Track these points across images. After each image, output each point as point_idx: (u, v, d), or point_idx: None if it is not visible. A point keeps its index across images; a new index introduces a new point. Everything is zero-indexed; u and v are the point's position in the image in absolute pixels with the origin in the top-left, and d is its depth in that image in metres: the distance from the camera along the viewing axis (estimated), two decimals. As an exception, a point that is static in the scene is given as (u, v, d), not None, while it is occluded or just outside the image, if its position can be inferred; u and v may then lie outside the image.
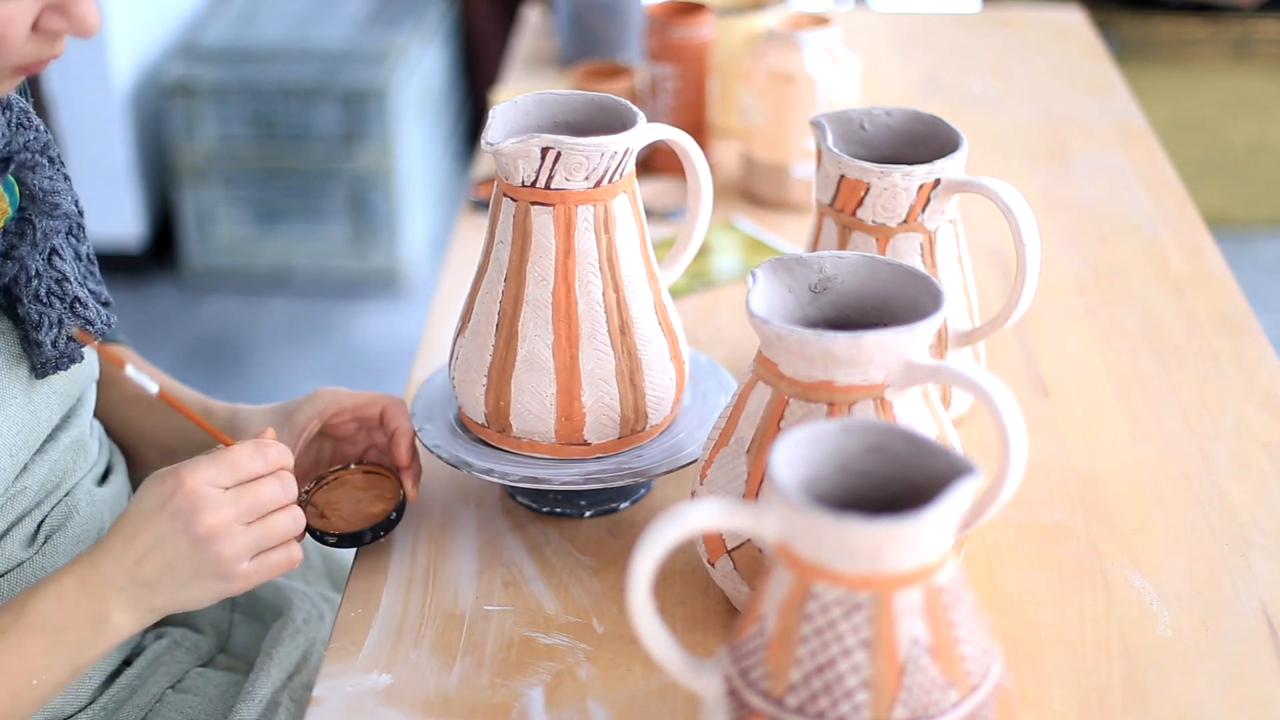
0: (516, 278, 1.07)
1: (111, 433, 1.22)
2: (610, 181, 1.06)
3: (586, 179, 1.05)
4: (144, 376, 0.99)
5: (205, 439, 1.16)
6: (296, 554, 1.02)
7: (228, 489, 0.98)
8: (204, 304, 3.24)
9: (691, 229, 1.17)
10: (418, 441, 1.14)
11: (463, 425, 1.15)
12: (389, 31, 3.27)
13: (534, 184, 1.05)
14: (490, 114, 1.07)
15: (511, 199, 1.06)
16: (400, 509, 1.10)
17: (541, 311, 1.07)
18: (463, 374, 1.10)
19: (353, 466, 1.14)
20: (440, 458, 1.12)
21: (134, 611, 0.98)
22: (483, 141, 1.04)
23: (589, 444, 1.10)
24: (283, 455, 1.01)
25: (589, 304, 1.07)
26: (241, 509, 0.98)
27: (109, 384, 1.22)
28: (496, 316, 1.08)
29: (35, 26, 0.92)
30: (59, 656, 0.97)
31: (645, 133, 1.07)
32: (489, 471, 1.09)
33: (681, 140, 1.12)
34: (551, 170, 1.04)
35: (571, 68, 1.85)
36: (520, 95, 1.11)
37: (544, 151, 1.03)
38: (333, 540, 1.09)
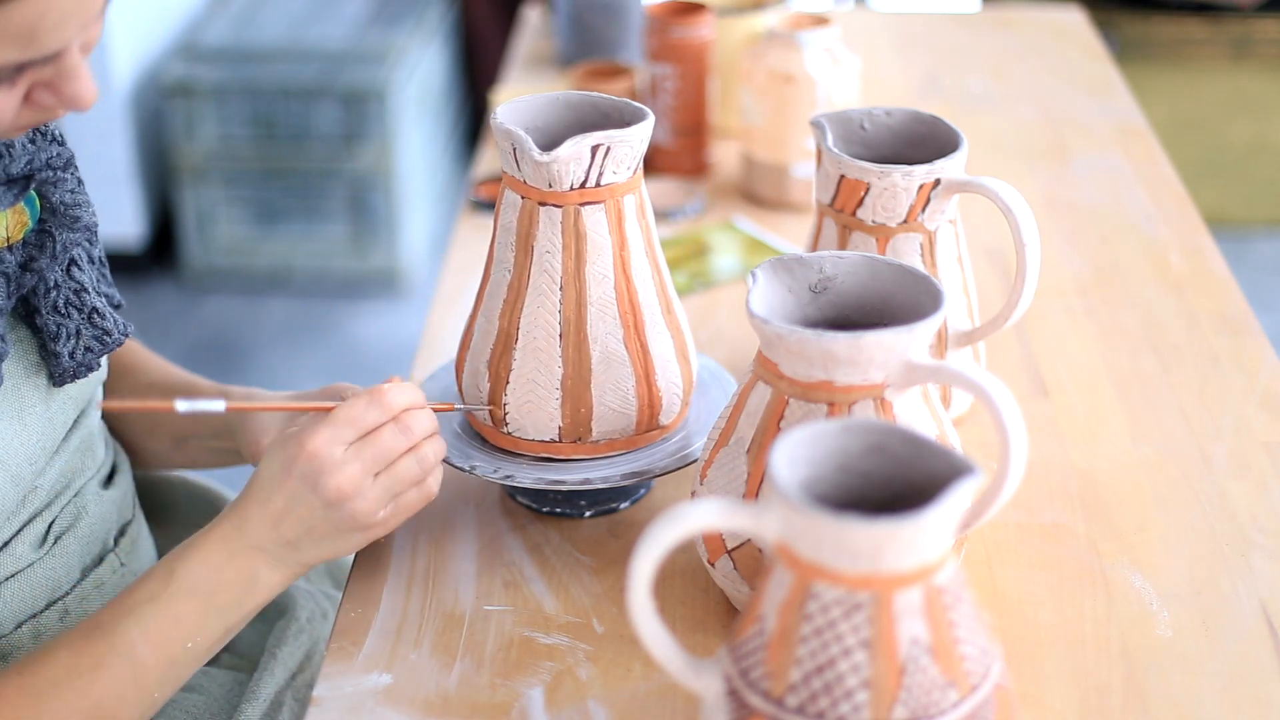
0: (575, 284, 1.06)
1: (120, 425, 1.22)
2: (640, 169, 1.07)
3: (628, 169, 1.05)
4: (201, 403, 0.99)
5: (218, 422, 1.16)
6: (432, 488, 1.02)
7: (350, 444, 0.98)
8: (204, 304, 3.24)
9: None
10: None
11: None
12: (389, 31, 3.27)
13: (584, 184, 1.05)
14: (515, 133, 1.04)
15: (555, 206, 1.05)
16: None
17: (608, 309, 1.07)
18: (525, 398, 1.09)
19: None
20: (488, 477, 1.10)
21: (282, 569, 1.00)
22: (533, 158, 1.02)
23: (664, 426, 1.12)
24: (399, 399, 1.01)
25: (645, 289, 1.08)
26: (366, 463, 0.98)
27: (122, 374, 1.22)
28: (559, 328, 1.07)
29: (27, 99, 0.91)
30: (212, 618, 0.99)
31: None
32: (556, 482, 1.09)
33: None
34: (601, 166, 1.04)
35: (571, 68, 1.85)
36: (519, 99, 1.10)
37: (594, 150, 1.03)
38: None
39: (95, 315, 1.05)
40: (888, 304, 0.97)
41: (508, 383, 1.08)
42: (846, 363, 0.90)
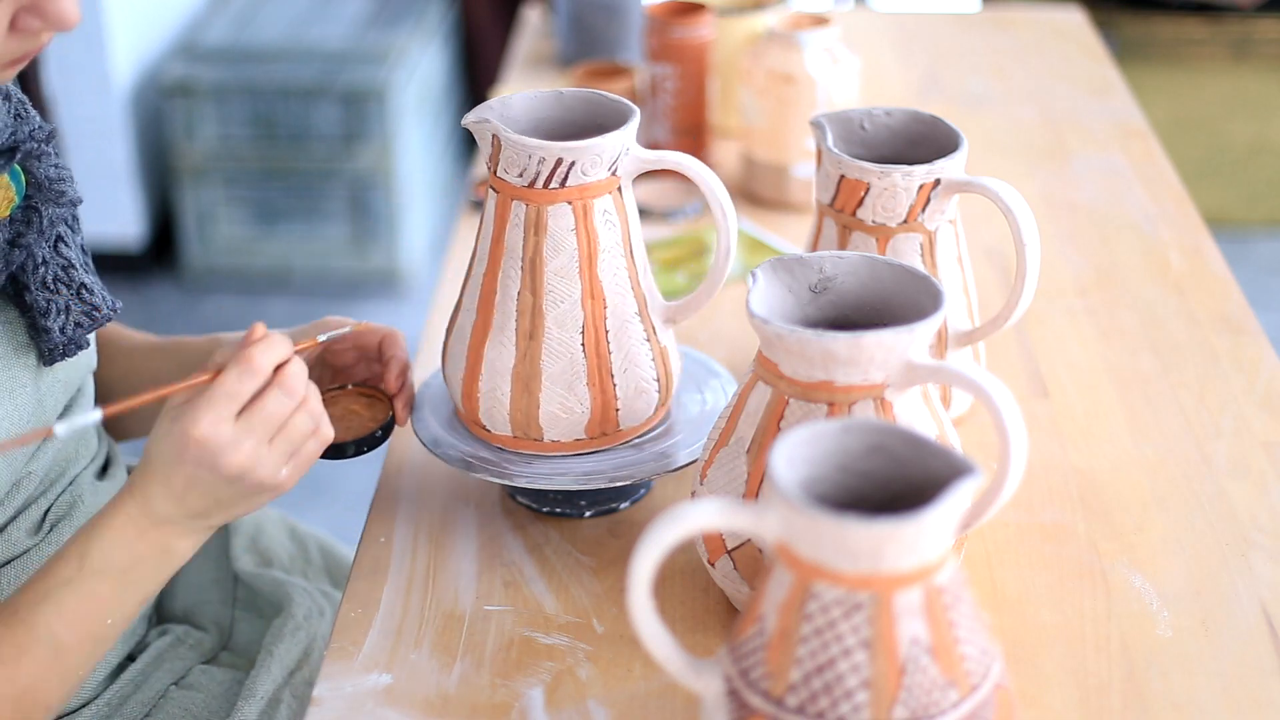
0: (491, 265, 1.09)
1: (109, 393, 1.22)
2: (546, 186, 1.05)
3: (520, 176, 1.05)
4: (78, 419, 0.96)
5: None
6: (327, 434, 1.00)
7: (237, 419, 0.96)
8: (204, 304, 3.24)
9: (722, 266, 1.13)
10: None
11: (469, 432, 1.15)
12: (389, 31, 3.27)
13: (492, 171, 1.07)
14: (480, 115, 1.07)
15: (494, 189, 1.08)
16: (387, 428, 1.11)
17: (507, 304, 1.08)
18: (450, 362, 1.12)
19: (350, 387, 1.14)
20: (419, 437, 1.13)
21: (192, 536, 0.99)
22: (463, 120, 1.06)
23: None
24: (269, 359, 0.97)
25: (555, 304, 1.07)
26: (258, 433, 0.96)
27: (103, 345, 1.22)
28: (476, 305, 1.09)
29: (13, 26, 0.92)
30: (129, 593, 0.98)
31: (609, 145, 1.05)
32: (450, 455, 1.11)
33: (694, 166, 1.09)
34: (497, 159, 1.06)
35: (571, 68, 1.85)
36: (531, 92, 1.12)
37: (494, 139, 1.05)
38: None
39: (84, 290, 1.05)
40: (888, 304, 0.97)
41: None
42: (846, 363, 0.90)
